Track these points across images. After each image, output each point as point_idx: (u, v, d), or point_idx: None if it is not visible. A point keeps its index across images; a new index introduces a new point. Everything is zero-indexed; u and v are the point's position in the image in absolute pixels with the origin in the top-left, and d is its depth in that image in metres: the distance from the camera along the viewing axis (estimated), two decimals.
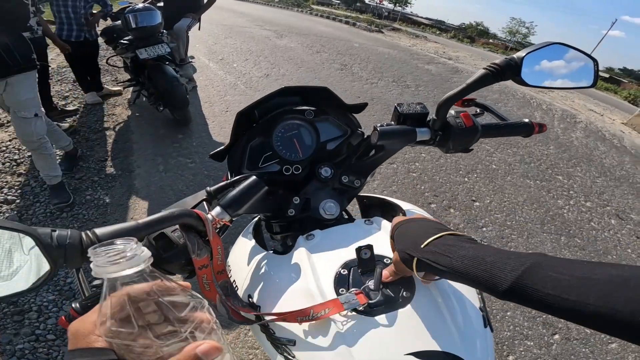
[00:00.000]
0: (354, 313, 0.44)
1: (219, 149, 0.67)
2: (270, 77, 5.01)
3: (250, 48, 6.91)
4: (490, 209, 2.72)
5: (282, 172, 0.66)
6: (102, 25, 3.53)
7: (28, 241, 0.34)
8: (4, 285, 0.34)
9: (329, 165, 0.66)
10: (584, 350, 1.80)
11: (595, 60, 0.64)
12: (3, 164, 2.40)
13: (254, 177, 0.54)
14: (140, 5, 3.12)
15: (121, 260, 0.25)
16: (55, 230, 0.36)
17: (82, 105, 3.40)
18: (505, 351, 1.69)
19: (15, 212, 2.00)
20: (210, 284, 0.46)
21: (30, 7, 2.04)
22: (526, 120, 0.69)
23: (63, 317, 0.43)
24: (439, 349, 0.40)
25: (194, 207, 0.49)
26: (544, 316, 1.90)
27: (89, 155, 2.64)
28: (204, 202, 0.50)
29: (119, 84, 3.52)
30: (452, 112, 0.63)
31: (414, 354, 0.39)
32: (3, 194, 2.11)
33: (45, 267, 0.34)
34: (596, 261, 0.31)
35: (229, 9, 17.56)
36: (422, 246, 0.40)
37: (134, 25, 2.84)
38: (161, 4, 3.68)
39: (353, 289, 0.46)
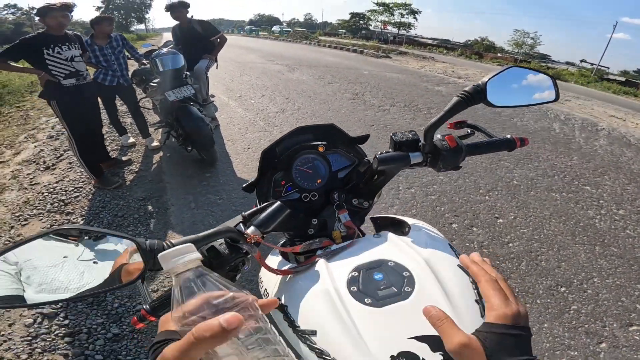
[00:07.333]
0: (366, 306, 0.52)
1: (248, 182, 0.79)
2: (286, 112, 5.25)
3: (265, 84, 7.29)
4: (515, 224, 2.69)
5: (302, 199, 0.77)
6: (132, 67, 3.77)
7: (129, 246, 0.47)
8: (110, 281, 0.47)
9: (341, 191, 0.76)
10: (636, 356, 1.73)
11: (551, 77, 0.71)
12: (52, 204, 2.62)
13: (278, 202, 0.65)
14: (165, 49, 3.39)
15: (179, 258, 0.34)
16: (147, 240, 0.48)
17: (119, 148, 3.68)
18: None
19: None
20: None
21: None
22: (508, 136, 0.76)
23: (135, 317, 0.53)
24: (437, 334, 0.45)
25: (234, 227, 0.62)
26: (586, 325, 1.87)
27: (128, 195, 2.85)
28: (241, 224, 0.62)
29: (151, 126, 3.78)
30: (438, 135, 0.72)
31: (416, 338, 0.46)
32: None
33: (141, 265, 0.47)
34: None
35: (242, 45, 18.65)
36: None
37: (161, 69, 3.07)
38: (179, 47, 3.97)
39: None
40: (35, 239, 0.43)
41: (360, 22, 55.29)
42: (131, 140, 3.82)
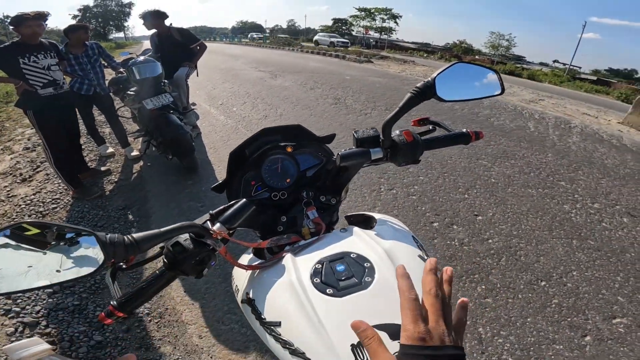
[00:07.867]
0: (327, 297, 0.54)
1: (218, 183, 0.81)
2: (268, 118, 5.25)
3: (247, 91, 7.27)
4: (494, 221, 2.77)
5: (271, 198, 0.79)
6: (110, 76, 3.70)
7: (89, 240, 0.47)
8: (70, 272, 0.47)
9: (309, 189, 0.79)
10: (622, 349, 1.75)
11: (495, 71, 0.75)
12: (29, 216, 2.56)
13: (244, 200, 0.67)
14: (142, 57, 3.35)
15: (23, 351, 0.36)
16: (108, 234, 0.48)
17: (98, 158, 3.60)
18: (532, 357, 1.67)
19: None
20: None
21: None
22: (464, 130, 0.81)
23: (103, 313, 0.52)
24: (396, 322, 0.48)
25: (201, 224, 0.64)
26: (569, 319, 1.89)
27: (108, 204, 2.79)
28: (208, 221, 0.64)
29: (130, 135, 3.72)
30: (396, 131, 0.77)
31: (375, 326, 0.47)
32: None
33: (101, 258, 0.47)
34: None
35: (225, 53, 18.55)
36: None
37: (137, 77, 3.03)
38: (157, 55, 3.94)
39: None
40: None
41: (343, 27, 55.93)
42: (110, 150, 3.75)
